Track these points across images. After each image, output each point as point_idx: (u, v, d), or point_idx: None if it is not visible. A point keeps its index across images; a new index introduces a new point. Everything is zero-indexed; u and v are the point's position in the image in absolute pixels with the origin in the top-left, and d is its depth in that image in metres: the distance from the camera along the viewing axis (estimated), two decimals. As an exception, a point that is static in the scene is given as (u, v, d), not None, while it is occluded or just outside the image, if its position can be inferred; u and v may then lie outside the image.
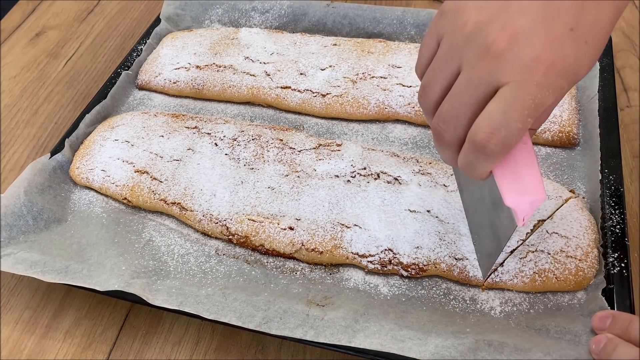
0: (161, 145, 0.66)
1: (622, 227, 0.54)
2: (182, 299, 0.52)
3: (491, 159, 0.37)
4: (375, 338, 0.47)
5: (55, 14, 0.99)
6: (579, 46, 0.35)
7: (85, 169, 0.65)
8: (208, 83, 0.76)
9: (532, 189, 0.37)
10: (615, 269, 0.52)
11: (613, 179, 0.59)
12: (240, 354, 0.54)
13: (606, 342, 0.45)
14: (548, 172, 0.63)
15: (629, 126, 0.73)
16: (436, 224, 0.55)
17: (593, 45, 0.36)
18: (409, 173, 0.60)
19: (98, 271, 0.55)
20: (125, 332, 0.57)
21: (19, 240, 0.59)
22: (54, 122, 0.80)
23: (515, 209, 0.38)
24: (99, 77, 0.86)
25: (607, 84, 0.68)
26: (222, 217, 0.59)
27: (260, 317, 0.50)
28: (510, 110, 0.35)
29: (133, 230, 0.60)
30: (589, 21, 0.36)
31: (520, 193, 0.37)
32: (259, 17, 0.87)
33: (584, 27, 0.35)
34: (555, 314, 0.51)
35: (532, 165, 0.38)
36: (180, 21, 0.88)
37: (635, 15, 0.90)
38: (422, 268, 0.54)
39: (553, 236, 0.54)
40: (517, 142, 0.36)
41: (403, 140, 0.69)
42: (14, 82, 0.86)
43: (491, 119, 0.35)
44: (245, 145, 0.64)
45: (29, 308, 0.59)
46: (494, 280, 0.53)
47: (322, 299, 0.53)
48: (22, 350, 0.56)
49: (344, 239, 0.56)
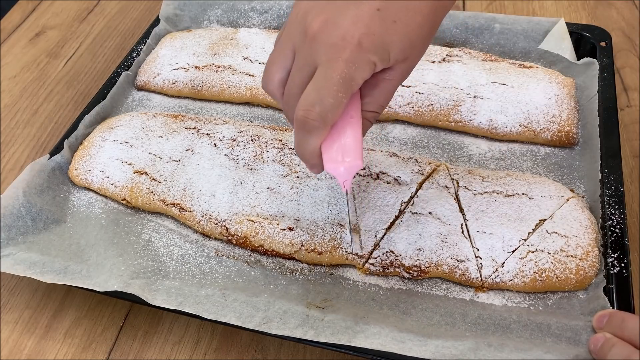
0: (160, 145, 0.66)
1: (622, 227, 0.54)
2: (181, 299, 0.52)
3: (314, 135, 0.40)
4: (376, 339, 0.47)
5: (55, 14, 0.99)
6: (386, 24, 0.38)
7: (84, 169, 0.65)
8: (207, 83, 0.75)
9: (349, 156, 0.41)
10: (615, 269, 0.52)
11: (613, 178, 0.58)
12: (240, 354, 0.54)
13: (604, 341, 0.45)
14: (547, 172, 0.63)
15: (629, 126, 0.73)
16: (438, 226, 0.55)
17: (403, 24, 0.39)
18: (409, 173, 0.60)
19: (97, 272, 0.55)
20: (125, 332, 0.57)
21: (18, 241, 0.59)
22: (54, 122, 0.80)
23: (333, 173, 0.42)
24: (98, 77, 0.86)
25: (607, 83, 0.68)
26: (221, 217, 0.59)
27: (260, 318, 0.50)
28: (322, 87, 0.38)
29: (132, 231, 0.60)
30: (398, 4, 0.39)
31: (337, 160, 0.41)
32: (258, 18, 0.87)
33: (391, 7, 0.38)
34: (556, 312, 0.51)
35: (354, 137, 0.41)
36: (179, 21, 0.88)
37: (635, 15, 0.89)
38: (424, 270, 0.54)
39: (553, 236, 0.54)
40: (335, 117, 0.39)
41: (402, 140, 0.69)
42: (13, 82, 0.86)
43: (307, 97, 0.39)
44: (245, 145, 0.64)
45: (28, 308, 0.59)
46: (494, 281, 0.53)
47: (322, 301, 0.52)
48: (22, 351, 0.56)
49: (344, 239, 0.56)
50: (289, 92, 0.42)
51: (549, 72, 0.71)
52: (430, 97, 0.69)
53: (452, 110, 0.68)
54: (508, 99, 0.67)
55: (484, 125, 0.67)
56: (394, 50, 0.39)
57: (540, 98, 0.67)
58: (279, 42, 0.43)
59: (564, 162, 0.64)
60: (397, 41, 0.39)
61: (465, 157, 0.66)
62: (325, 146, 0.41)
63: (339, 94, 0.38)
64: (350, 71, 0.38)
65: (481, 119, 0.67)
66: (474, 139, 0.68)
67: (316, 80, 0.39)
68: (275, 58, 0.43)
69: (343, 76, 0.38)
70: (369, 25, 0.38)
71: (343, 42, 0.38)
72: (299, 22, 0.40)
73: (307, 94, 0.39)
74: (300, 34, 0.40)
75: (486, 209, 0.56)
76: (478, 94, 0.68)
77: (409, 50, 0.40)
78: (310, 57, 0.39)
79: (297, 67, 0.41)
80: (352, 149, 0.41)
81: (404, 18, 0.39)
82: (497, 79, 0.69)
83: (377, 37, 0.38)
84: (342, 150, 0.41)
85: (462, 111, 0.67)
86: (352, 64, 0.38)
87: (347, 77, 0.38)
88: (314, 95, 0.39)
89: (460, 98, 0.68)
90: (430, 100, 0.68)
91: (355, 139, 0.41)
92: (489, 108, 0.67)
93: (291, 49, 0.41)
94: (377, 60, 0.39)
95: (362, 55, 0.38)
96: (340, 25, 0.38)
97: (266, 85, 0.44)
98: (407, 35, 0.39)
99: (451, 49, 0.74)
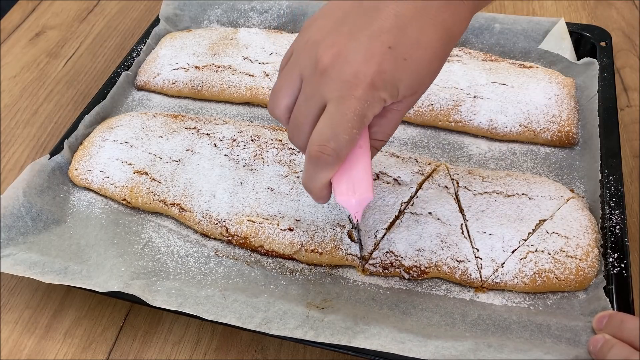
0: (160, 146, 0.66)
1: (622, 227, 0.54)
2: (181, 300, 0.52)
3: (327, 169, 0.41)
4: (376, 339, 0.47)
5: (55, 14, 0.99)
6: (397, 62, 0.39)
7: (84, 170, 0.65)
8: (207, 83, 0.75)
9: (360, 189, 0.41)
10: (615, 269, 0.52)
11: (613, 179, 0.58)
12: (240, 354, 0.55)
13: (603, 342, 0.45)
14: (547, 172, 0.63)
15: (629, 126, 0.73)
16: (438, 226, 0.55)
17: (414, 61, 0.39)
18: (409, 174, 0.60)
19: (97, 272, 0.55)
20: (125, 332, 0.57)
21: (18, 241, 0.59)
22: (54, 122, 0.80)
23: (345, 206, 0.42)
24: (98, 77, 0.86)
25: (607, 83, 0.68)
26: (221, 218, 0.59)
27: (260, 318, 0.50)
28: (336, 124, 0.39)
29: (132, 231, 0.60)
30: (409, 41, 0.39)
31: (348, 193, 0.42)
32: (258, 17, 0.87)
33: (402, 45, 0.39)
34: (556, 313, 0.51)
35: (364, 168, 0.42)
36: (179, 21, 0.88)
37: (635, 15, 0.89)
38: (424, 270, 0.54)
39: (553, 236, 0.54)
40: (348, 151, 0.40)
41: (402, 140, 0.69)
42: (13, 82, 0.86)
43: (321, 133, 0.39)
44: (245, 145, 0.64)
45: (28, 308, 0.59)
46: (494, 281, 0.53)
47: (322, 302, 0.52)
48: (22, 350, 0.56)
49: (344, 240, 0.56)
50: (296, 120, 0.42)
51: (549, 72, 0.71)
52: (430, 97, 0.69)
53: (452, 110, 0.68)
54: (508, 99, 0.67)
55: (484, 125, 0.67)
56: (402, 87, 0.40)
57: (540, 98, 0.67)
58: (287, 69, 0.43)
59: (564, 162, 0.64)
60: (406, 79, 0.39)
61: (465, 157, 0.66)
62: (336, 179, 0.42)
63: (353, 131, 0.39)
64: (363, 108, 0.38)
65: (481, 119, 0.67)
66: (474, 139, 0.68)
67: (330, 116, 0.39)
68: (282, 84, 0.43)
69: (357, 113, 0.38)
70: (381, 63, 0.38)
71: (355, 79, 0.38)
72: (308, 52, 0.40)
73: (321, 130, 0.39)
74: (310, 65, 0.40)
75: (486, 209, 0.56)
76: (478, 94, 0.68)
77: (417, 87, 0.41)
78: (319, 89, 0.39)
79: (304, 96, 0.41)
80: (363, 181, 0.41)
81: (415, 55, 0.39)
82: (497, 79, 0.69)
83: (388, 74, 0.38)
84: (352, 183, 0.41)
85: (462, 111, 0.67)
86: (364, 101, 0.38)
87: (360, 114, 0.39)
88: (328, 132, 0.39)
89: (460, 98, 0.68)
90: (430, 100, 0.68)
91: (365, 171, 0.42)
92: (489, 108, 0.67)
93: (298, 76, 0.41)
94: (387, 97, 0.39)
95: (374, 94, 0.38)
96: (352, 61, 0.38)
97: (273, 111, 0.44)
98: (417, 72, 0.40)
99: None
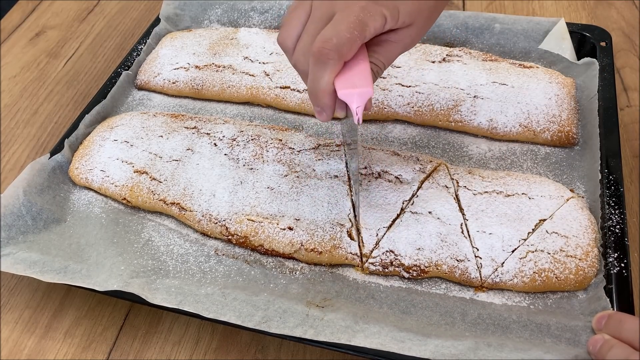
0: (160, 145, 0.66)
1: (622, 227, 0.54)
2: (181, 298, 0.52)
3: (329, 68, 0.42)
4: (375, 338, 0.47)
5: (55, 14, 0.99)
6: None
7: (85, 169, 0.65)
8: (207, 83, 0.75)
9: (360, 84, 0.44)
10: (615, 269, 0.52)
11: (613, 179, 0.58)
12: (240, 353, 0.55)
13: (602, 342, 0.45)
14: (547, 172, 0.63)
15: (629, 126, 0.73)
16: (438, 225, 0.55)
17: None
18: (410, 172, 0.60)
19: (97, 271, 0.55)
20: (125, 331, 0.57)
21: (18, 240, 0.59)
22: (54, 122, 0.80)
23: (346, 100, 0.44)
24: (98, 77, 0.86)
25: (607, 83, 0.68)
26: (221, 217, 0.59)
27: (260, 317, 0.50)
28: (339, 24, 0.42)
29: (132, 231, 0.60)
30: None
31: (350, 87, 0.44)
32: (258, 17, 0.87)
33: None
34: (556, 312, 0.51)
35: (364, 71, 0.44)
36: (179, 21, 0.88)
37: (635, 15, 0.89)
38: (424, 270, 0.54)
39: (553, 236, 0.54)
40: (349, 52, 0.42)
41: (402, 140, 0.69)
42: (13, 82, 0.86)
43: (324, 34, 0.42)
44: (245, 145, 0.64)
45: (28, 308, 0.59)
46: (494, 281, 0.53)
47: (322, 301, 0.52)
48: (22, 350, 0.56)
49: (344, 239, 0.56)
50: (303, 41, 0.44)
51: (549, 72, 0.71)
52: (430, 97, 0.69)
53: (452, 110, 0.68)
54: (508, 99, 0.67)
55: (484, 125, 0.67)
56: (403, 10, 0.43)
57: (540, 98, 0.67)
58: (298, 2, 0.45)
59: (564, 162, 0.64)
60: (407, 3, 0.43)
61: (465, 157, 0.66)
62: (338, 81, 0.44)
63: (354, 31, 0.41)
64: (365, 16, 0.42)
65: (481, 119, 0.67)
66: (474, 138, 0.68)
67: (334, 21, 0.42)
68: (293, 14, 0.45)
69: (359, 18, 0.42)
70: None
71: None
72: None
73: (325, 30, 0.42)
74: None
75: (486, 209, 0.56)
76: (478, 94, 0.68)
77: (415, 14, 0.44)
78: (328, 8, 0.43)
79: (313, 19, 0.44)
80: (364, 79, 0.44)
81: None
82: (497, 79, 0.69)
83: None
84: (354, 80, 0.44)
85: (462, 111, 0.67)
86: (367, 11, 0.42)
87: (362, 20, 0.42)
88: (331, 30, 0.42)
89: (460, 98, 0.68)
90: (430, 100, 0.68)
91: (365, 72, 0.44)
92: (489, 108, 0.67)
93: (309, 5, 0.44)
94: (388, 15, 0.43)
95: (376, 7, 0.42)
96: None
97: (284, 40, 0.46)
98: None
99: (451, 49, 0.74)
